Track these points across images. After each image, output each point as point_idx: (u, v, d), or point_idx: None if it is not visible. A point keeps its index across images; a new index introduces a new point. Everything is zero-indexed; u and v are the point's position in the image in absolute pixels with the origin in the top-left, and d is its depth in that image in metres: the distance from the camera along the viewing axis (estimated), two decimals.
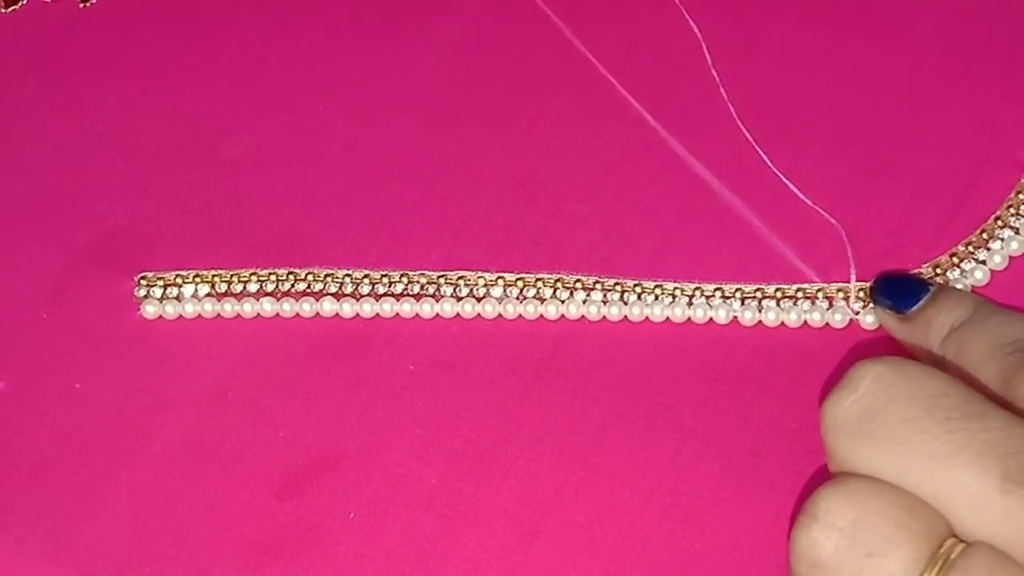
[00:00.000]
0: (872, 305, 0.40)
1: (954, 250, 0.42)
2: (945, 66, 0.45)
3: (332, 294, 0.42)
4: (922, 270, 0.41)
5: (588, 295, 0.42)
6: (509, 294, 0.42)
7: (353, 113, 0.46)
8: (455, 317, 0.42)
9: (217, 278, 0.43)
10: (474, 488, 0.39)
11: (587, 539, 0.38)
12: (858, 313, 0.41)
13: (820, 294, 0.41)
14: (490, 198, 0.44)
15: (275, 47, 0.48)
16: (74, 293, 0.43)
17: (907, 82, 0.45)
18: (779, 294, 0.41)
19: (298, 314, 0.42)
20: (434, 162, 0.45)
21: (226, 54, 0.48)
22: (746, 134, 0.44)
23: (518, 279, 0.42)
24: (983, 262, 0.42)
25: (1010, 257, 0.42)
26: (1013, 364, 0.33)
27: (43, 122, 0.47)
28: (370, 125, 0.46)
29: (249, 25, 0.49)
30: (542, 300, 0.42)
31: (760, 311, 0.41)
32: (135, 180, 0.45)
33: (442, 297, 0.42)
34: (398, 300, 0.42)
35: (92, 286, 0.43)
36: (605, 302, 0.41)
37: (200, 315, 0.43)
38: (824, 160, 0.44)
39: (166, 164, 0.46)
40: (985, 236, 0.42)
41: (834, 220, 0.42)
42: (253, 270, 0.43)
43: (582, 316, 0.42)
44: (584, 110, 0.45)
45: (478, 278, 0.42)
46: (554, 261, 0.42)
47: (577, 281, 0.42)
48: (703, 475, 0.38)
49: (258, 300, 0.42)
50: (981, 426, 0.30)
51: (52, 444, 0.41)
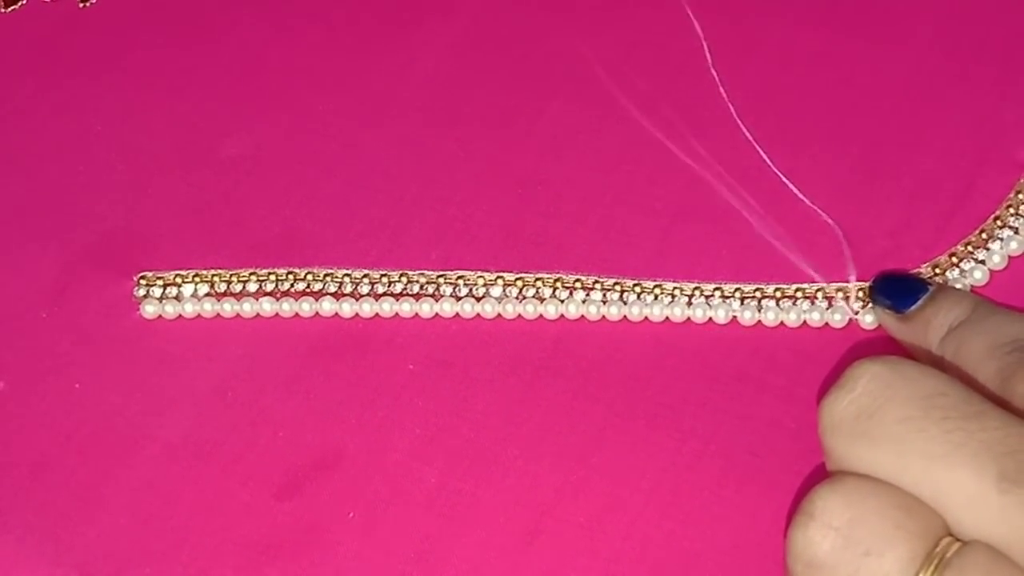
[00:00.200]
0: (871, 305, 0.40)
1: (953, 250, 0.42)
2: (944, 66, 0.45)
3: (331, 294, 0.42)
4: (921, 270, 0.41)
5: (587, 295, 0.42)
6: (508, 294, 0.42)
7: (352, 113, 0.46)
8: (454, 317, 0.42)
9: (216, 278, 0.43)
10: (474, 488, 0.39)
11: (587, 539, 0.38)
12: (857, 313, 0.41)
13: (819, 294, 0.41)
14: (489, 198, 0.44)
15: (274, 47, 0.48)
16: (74, 293, 0.43)
17: (906, 82, 0.45)
18: (778, 294, 0.41)
19: (297, 314, 0.42)
20: (433, 162, 0.45)
21: (225, 54, 0.48)
22: (746, 133, 0.44)
23: (517, 279, 0.42)
24: (982, 262, 0.42)
25: (1009, 257, 0.42)
26: (1011, 363, 0.33)
27: (42, 122, 0.47)
28: (369, 125, 0.46)
29: (249, 25, 0.49)
30: (541, 300, 0.42)
31: (759, 311, 0.41)
32: (135, 180, 0.45)
33: (441, 297, 0.42)
34: (397, 300, 0.42)
35: (92, 286, 0.43)
36: (604, 302, 0.41)
37: (200, 315, 0.43)
38: (824, 160, 0.44)
39: (165, 164, 0.46)
40: (984, 236, 0.42)
41: (832, 220, 0.42)
42: (252, 270, 0.43)
43: (581, 316, 0.42)
44: (583, 110, 0.45)
45: (477, 278, 0.42)
46: (553, 261, 0.42)
47: (576, 281, 0.42)
48: (703, 475, 0.38)
49: (257, 300, 0.42)
50: (978, 426, 0.30)
51: (52, 444, 0.41)
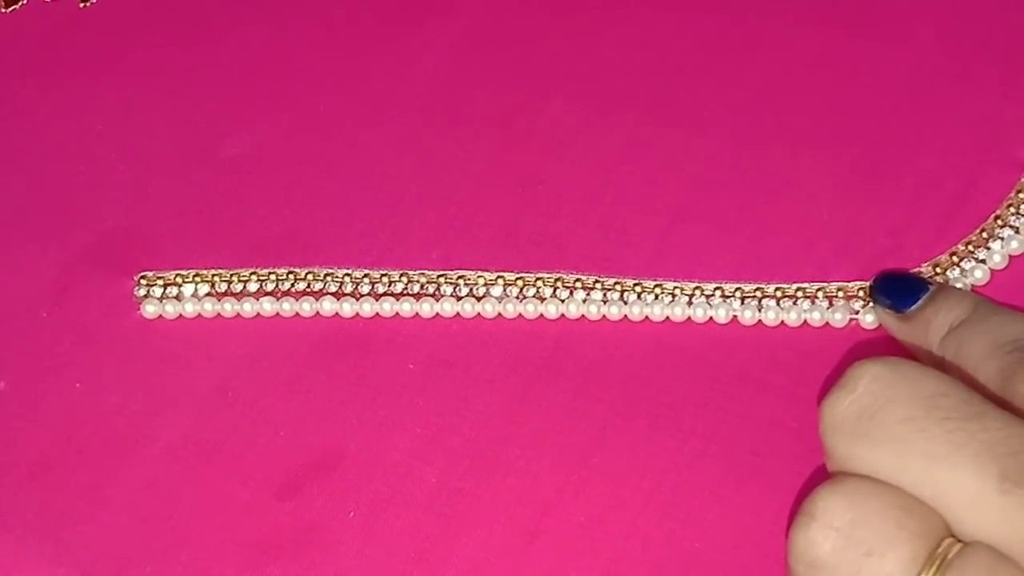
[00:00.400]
0: (872, 304, 0.40)
1: (954, 249, 0.42)
2: (945, 65, 0.45)
3: (332, 293, 0.42)
4: (922, 269, 0.41)
5: (588, 294, 0.42)
6: (509, 293, 0.42)
7: (353, 113, 0.46)
8: (455, 316, 0.42)
9: (217, 277, 0.43)
10: (474, 487, 0.39)
11: (588, 539, 0.38)
12: (858, 312, 0.41)
13: (820, 293, 0.41)
14: (490, 198, 0.44)
15: (275, 47, 0.48)
16: (74, 293, 0.43)
17: (907, 81, 0.45)
18: (779, 293, 0.41)
19: (298, 313, 0.42)
20: (434, 162, 0.45)
21: (226, 54, 0.48)
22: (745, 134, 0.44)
23: (518, 278, 0.42)
24: (983, 261, 0.41)
25: (1010, 256, 0.42)
26: (1012, 363, 0.33)
27: (43, 122, 0.47)
28: (370, 125, 0.46)
29: (249, 25, 0.49)
30: (542, 299, 0.42)
31: (760, 310, 0.41)
32: (135, 180, 0.45)
33: (442, 296, 0.42)
34: (398, 299, 0.42)
35: (92, 286, 0.43)
36: (605, 301, 0.41)
37: (200, 314, 0.43)
38: (824, 159, 0.44)
39: (166, 164, 0.46)
40: (985, 235, 0.42)
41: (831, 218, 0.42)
42: (253, 269, 0.43)
43: (582, 315, 0.42)
44: (584, 110, 0.45)
45: (478, 277, 0.42)
46: (554, 260, 0.42)
47: (577, 280, 0.42)
48: (703, 474, 0.38)
49: (258, 300, 0.42)
50: (979, 426, 0.30)
51: (52, 444, 0.41)
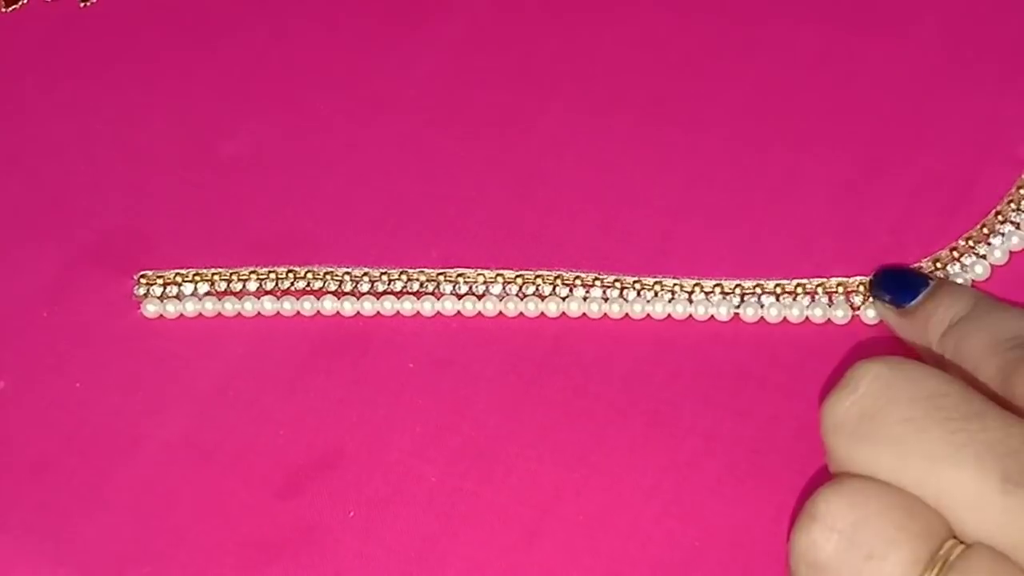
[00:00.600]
0: (872, 300, 0.40)
1: (954, 244, 0.42)
2: (945, 63, 0.45)
3: (332, 292, 0.42)
4: (922, 265, 0.41)
5: (588, 292, 0.42)
6: (509, 291, 0.42)
7: (353, 112, 0.46)
8: (455, 315, 0.42)
9: (217, 276, 0.43)
10: (474, 487, 0.39)
11: (587, 538, 0.37)
12: (859, 308, 0.41)
13: (820, 289, 0.41)
14: (489, 196, 0.44)
15: (275, 47, 0.48)
16: (74, 292, 0.43)
17: (907, 79, 0.45)
18: (779, 290, 0.41)
19: (298, 312, 0.42)
20: (433, 160, 0.45)
21: (225, 54, 0.48)
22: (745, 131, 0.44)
23: (517, 276, 0.42)
24: (983, 256, 0.41)
25: (1010, 252, 0.42)
26: (1012, 361, 0.33)
27: (43, 121, 0.47)
28: (369, 124, 0.46)
29: (249, 25, 0.49)
30: (542, 297, 0.42)
31: (761, 307, 0.41)
32: (135, 179, 0.45)
33: (442, 295, 0.42)
34: (398, 298, 0.42)
35: (92, 285, 0.43)
36: (605, 299, 0.41)
37: (200, 314, 0.43)
38: (825, 156, 0.43)
39: (166, 163, 0.46)
40: (986, 231, 0.42)
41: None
42: (253, 268, 0.43)
43: (583, 313, 0.41)
44: (584, 109, 0.45)
45: (478, 275, 0.42)
46: (554, 258, 0.42)
47: (576, 278, 0.42)
48: (704, 473, 0.38)
49: (258, 299, 0.42)
50: (980, 426, 0.30)
51: (52, 443, 0.41)
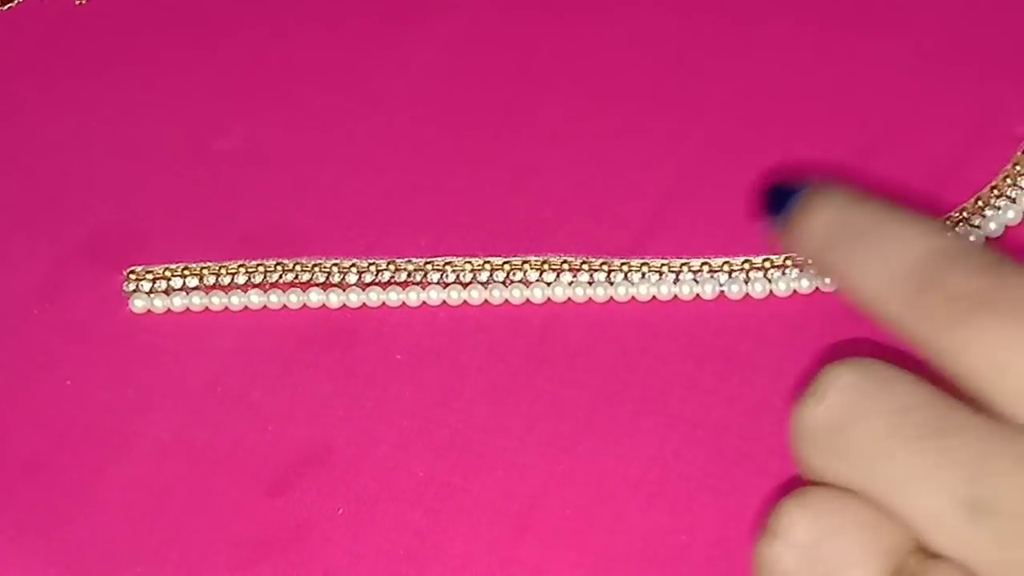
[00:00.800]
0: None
1: (948, 215, 0.41)
2: (942, 44, 0.45)
3: (320, 284, 0.42)
4: None
5: (575, 276, 0.41)
6: (496, 278, 0.42)
7: (343, 106, 0.46)
8: (442, 305, 0.42)
9: (205, 271, 0.43)
10: (462, 481, 0.39)
11: (574, 532, 0.38)
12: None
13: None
14: (479, 187, 0.44)
15: (265, 42, 0.48)
16: (65, 289, 0.43)
17: (903, 61, 0.44)
18: (767, 264, 0.41)
19: (285, 306, 0.42)
20: (422, 153, 0.45)
21: (216, 50, 0.48)
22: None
23: (505, 262, 0.42)
24: (978, 227, 0.41)
25: (1006, 226, 0.41)
26: (932, 315, 0.28)
27: (35, 118, 0.47)
28: (359, 118, 0.46)
29: (241, 20, 0.48)
30: (528, 284, 0.41)
31: (747, 283, 0.41)
32: (126, 175, 0.45)
33: (429, 284, 0.42)
34: (385, 289, 0.42)
35: (83, 281, 0.43)
36: (591, 283, 0.41)
37: (188, 308, 0.43)
38: (818, 139, 0.43)
39: (158, 159, 0.45)
40: (980, 204, 0.42)
41: None
42: (242, 262, 0.43)
43: (568, 299, 0.41)
44: (577, 101, 0.45)
45: (465, 263, 0.42)
46: (543, 246, 0.42)
47: (564, 262, 0.42)
48: (691, 462, 0.38)
49: (246, 292, 0.42)
50: (953, 444, 0.28)
51: (43, 442, 0.41)
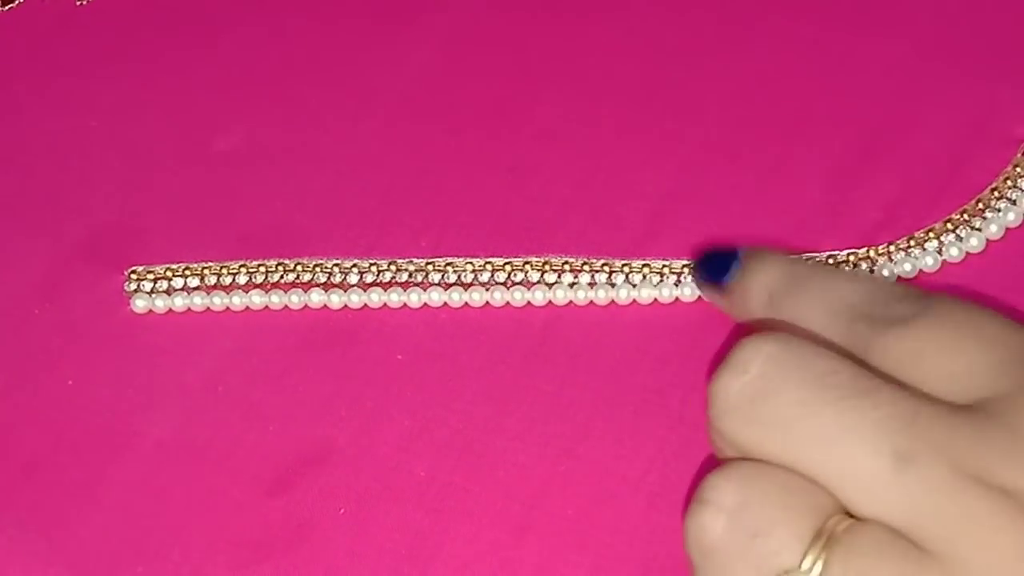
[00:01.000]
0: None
1: (949, 217, 0.41)
2: (940, 45, 0.45)
3: (320, 285, 0.42)
4: (916, 235, 0.41)
5: (576, 277, 0.41)
6: (497, 279, 0.42)
7: (343, 105, 0.46)
8: (443, 306, 0.42)
9: (207, 271, 0.43)
10: (463, 481, 0.39)
11: (576, 532, 0.38)
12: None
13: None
14: (479, 186, 0.44)
15: (265, 42, 0.48)
16: (66, 288, 0.43)
17: (902, 61, 0.44)
18: None
19: (287, 306, 0.42)
20: (423, 152, 0.45)
21: (217, 48, 0.48)
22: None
23: (506, 263, 0.42)
24: (979, 229, 0.41)
25: (1006, 228, 0.41)
26: (858, 338, 0.32)
27: (35, 117, 0.47)
28: (359, 117, 0.46)
29: (240, 19, 0.48)
30: (529, 286, 0.41)
31: None
32: (126, 174, 0.45)
33: (430, 285, 0.42)
34: (386, 290, 0.42)
35: (83, 281, 0.43)
36: (592, 284, 0.41)
37: (189, 308, 0.42)
38: (816, 138, 0.43)
39: (157, 159, 0.45)
40: (981, 206, 0.42)
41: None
42: (243, 262, 0.43)
43: (570, 301, 0.41)
44: (574, 99, 0.45)
45: (466, 264, 0.42)
46: (543, 247, 0.42)
47: (565, 263, 0.42)
48: (692, 463, 0.38)
49: (247, 292, 0.42)
50: (872, 403, 0.30)
51: (44, 442, 0.41)
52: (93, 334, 0.42)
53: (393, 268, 0.42)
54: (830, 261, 0.41)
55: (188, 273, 0.43)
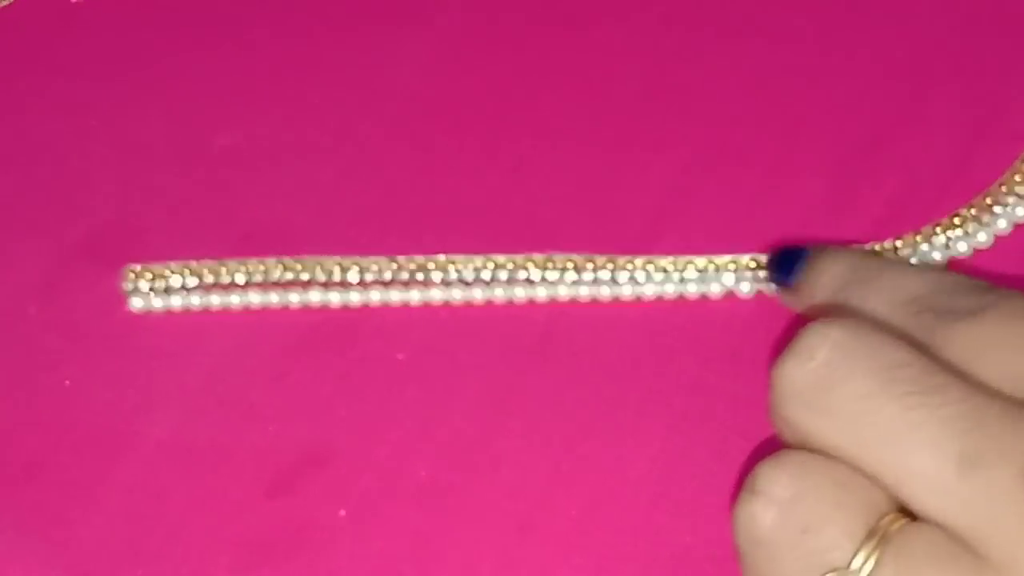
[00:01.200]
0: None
1: (957, 212, 0.41)
2: (945, 40, 0.44)
3: (321, 283, 0.42)
4: (923, 230, 0.41)
5: (579, 275, 0.41)
6: (498, 276, 0.41)
7: (342, 102, 0.45)
8: (444, 304, 0.41)
9: (206, 269, 0.42)
10: (464, 481, 0.38)
11: (578, 532, 0.37)
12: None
13: None
14: (481, 184, 0.43)
15: (264, 39, 0.47)
16: (64, 288, 0.43)
17: (907, 57, 0.44)
18: None
19: (286, 305, 0.42)
20: (424, 150, 0.44)
21: (214, 46, 0.47)
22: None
23: (508, 260, 0.42)
24: (987, 224, 0.41)
25: (1015, 224, 0.41)
26: (922, 328, 0.32)
27: (33, 117, 0.47)
28: (359, 114, 0.45)
29: (239, 17, 0.48)
30: (531, 283, 0.41)
31: (754, 281, 0.40)
32: (124, 173, 0.45)
33: (431, 283, 0.41)
34: (386, 288, 0.42)
35: (82, 281, 0.43)
36: (595, 282, 0.41)
37: (188, 308, 0.42)
38: (822, 132, 0.43)
39: (156, 157, 0.45)
40: (989, 201, 0.41)
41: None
42: (242, 260, 0.42)
43: (572, 299, 0.41)
44: (576, 95, 0.45)
45: (467, 261, 0.42)
46: (545, 244, 0.42)
47: (568, 260, 0.41)
48: (694, 462, 0.38)
49: (246, 291, 0.42)
50: (940, 401, 0.29)
51: (43, 443, 0.40)
52: (91, 334, 0.42)
53: (394, 266, 0.42)
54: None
55: (187, 272, 0.42)
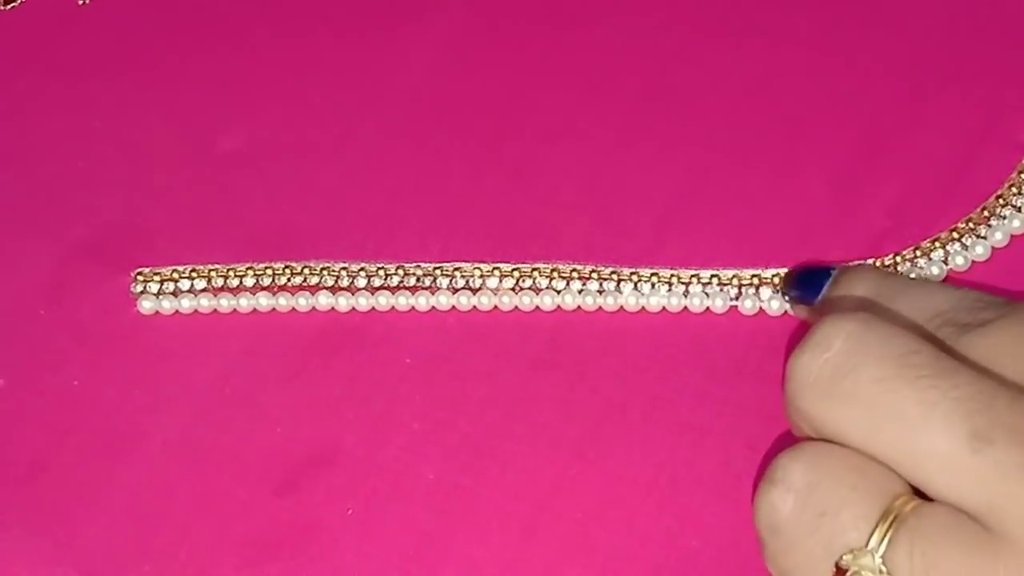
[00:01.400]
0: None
1: (955, 226, 0.41)
2: (945, 48, 0.45)
3: (328, 288, 0.42)
4: (922, 245, 0.41)
5: (584, 285, 0.41)
6: (505, 285, 0.42)
7: (348, 106, 0.46)
8: (451, 310, 0.42)
9: (213, 273, 0.43)
10: (472, 483, 0.39)
11: (584, 535, 0.38)
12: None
13: None
14: (486, 189, 0.44)
15: (270, 42, 0.48)
16: (71, 289, 0.43)
17: (907, 64, 0.44)
18: (776, 280, 0.41)
19: (294, 308, 0.42)
20: (430, 154, 0.45)
21: (221, 48, 0.48)
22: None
23: (514, 269, 0.42)
24: (984, 238, 0.41)
25: (1011, 235, 0.41)
26: (946, 338, 0.33)
27: (40, 118, 0.47)
28: (365, 117, 0.46)
29: (244, 20, 0.48)
30: (538, 291, 0.41)
31: (759, 300, 0.41)
32: (131, 176, 0.45)
33: (438, 289, 0.42)
34: (394, 293, 0.42)
35: (89, 282, 0.43)
36: (601, 292, 0.41)
37: (197, 310, 0.42)
38: (822, 143, 0.43)
39: (162, 159, 0.45)
40: (986, 213, 0.42)
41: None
42: (249, 264, 0.43)
43: (578, 307, 0.41)
44: (579, 99, 0.45)
45: (474, 269, 0.42)
46: (551, 251, 0.42)
47: (573, 271, 0.42)
48: (700, 469, 0.38)
49: (254, 295, 0.42)
50: (951, 383, 0.30)
51: (50, 442, 0.41)
52: (99, 335, 0.42)
53: (401, 272, 0.42)
54: None
55: (195, 275, 0.43)
